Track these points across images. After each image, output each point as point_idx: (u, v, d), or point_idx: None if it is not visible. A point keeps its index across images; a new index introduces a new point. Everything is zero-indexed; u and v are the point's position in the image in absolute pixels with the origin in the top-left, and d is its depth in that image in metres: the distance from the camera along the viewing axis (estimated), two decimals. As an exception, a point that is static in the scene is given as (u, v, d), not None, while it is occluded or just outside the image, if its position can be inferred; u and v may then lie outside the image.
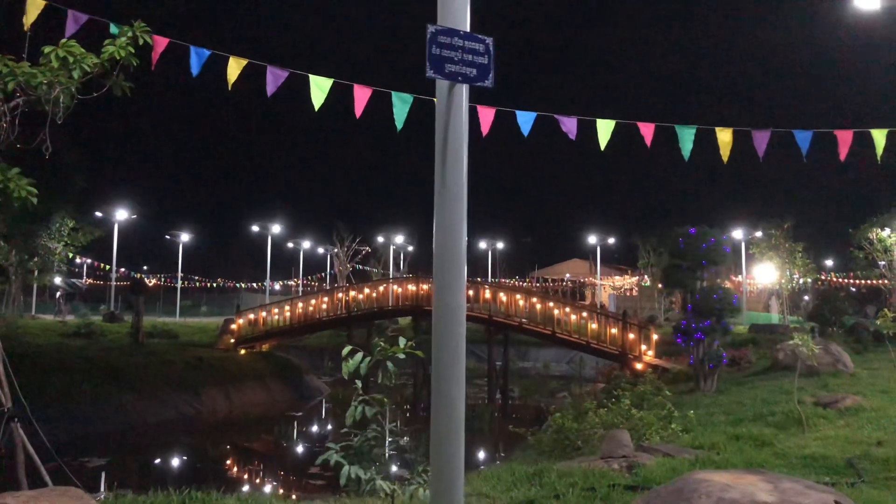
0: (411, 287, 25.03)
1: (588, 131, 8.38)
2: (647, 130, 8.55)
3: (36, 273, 39.53)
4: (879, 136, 8.98)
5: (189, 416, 20.98)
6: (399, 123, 7.85)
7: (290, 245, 58.52)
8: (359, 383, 3.59)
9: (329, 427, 22.28)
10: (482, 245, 61.39)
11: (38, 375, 17.13)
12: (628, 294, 62.90)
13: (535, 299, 23.15)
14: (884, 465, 7.25)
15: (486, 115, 8.32)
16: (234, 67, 7.66)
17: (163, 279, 58.95)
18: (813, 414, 10.67)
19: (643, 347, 20.59)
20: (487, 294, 23.68)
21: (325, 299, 26.79)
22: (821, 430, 9.70)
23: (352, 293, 26.39)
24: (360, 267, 54.09)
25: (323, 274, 58.54)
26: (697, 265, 15.87)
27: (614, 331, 21.07)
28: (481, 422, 18.86)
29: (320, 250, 60.91)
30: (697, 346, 15.84)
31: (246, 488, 12.57)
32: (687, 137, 8.39)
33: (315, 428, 22.48)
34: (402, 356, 4.35)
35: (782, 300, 41.48)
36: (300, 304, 26.93)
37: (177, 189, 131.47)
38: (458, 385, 3.23)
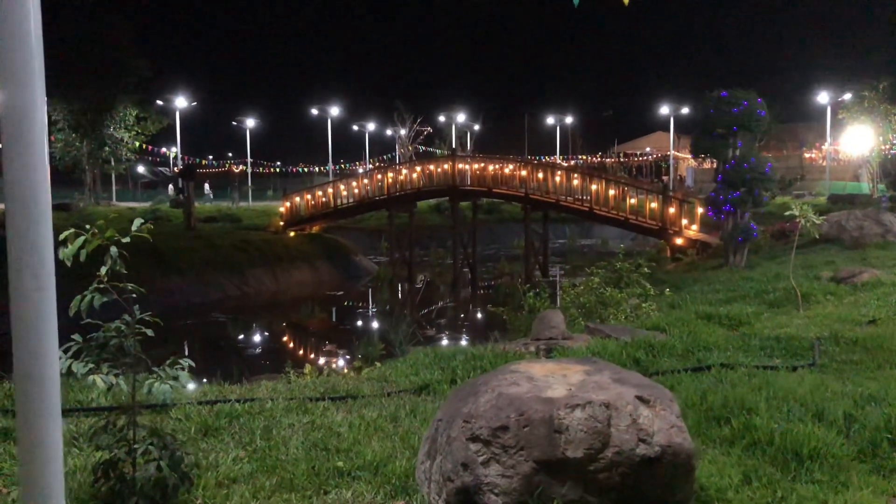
0: (446, 167, 24.42)
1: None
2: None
3: (112, 162, 40.97)
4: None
5: (235, 296, 21.69)
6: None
7: (356, 128, 58.24)
8: (103, 270, 3.21)
9: (360, 304, 22.69)
10: (550, 121, 59.12)
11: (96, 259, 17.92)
12: (711, 167, 59.95)
13: (575, 175, 22.15)
14: (850, 347, 6.50)
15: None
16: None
17: (226, 165, 60.34)
18: (821, 290, 9.83)
19: (685, 222, 19.50)
20: (524, 172, 22.79)
21: (365, 181, 26.58)
22: (818, 307, 8.89)
23: (390, 174, 26.02)
24: (424, 148, 53.48)
25: (387, 156, 58.28)
26: (729, 131, 14.52)
27: (654, 205, 20.00)
28: (497, 296, 18.66)
29: (388, 132, 60.42)
30: (727, 218, 14.79)
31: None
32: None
33: (348, 305, 22.92)
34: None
35: (872, 169, 38.41)
36: (342, 187, 26.86)
37: (240, 76, 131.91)
38: (46, 320, 1.92)
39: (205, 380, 9.08)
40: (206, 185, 50.83)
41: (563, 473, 3.10)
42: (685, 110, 51.67)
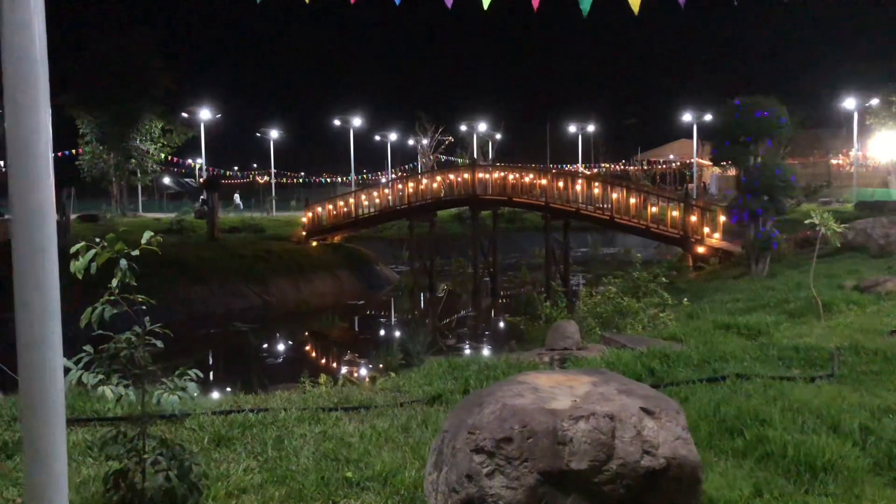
0: (466, 176, 24.46)
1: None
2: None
3: (139, 174, 41.52)
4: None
5: (257, 305, 21.88)
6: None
7: (378, 138, 58.55)
8: (114, 282, 3.26)
9: (381, 313, 22.76)
10: (572, 129, 58.93)
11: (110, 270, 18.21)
12: (735, 174, 59.28)
13: (595, 183, 22.07)
14: (870, 357, 6.39)
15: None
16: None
17: (251, 176, 60.94)
18: (843, 299, 9.67)
19: (706, 230, 19.32)
20: (543, 181, 22.76)
21: (386, 191, 26.71)
22: (840, 317, 8.76)
23: (410, 184, 26.13)
24: (446, 157, 53.58)
25: (409, 166, 58.50)
26: (751, 139, 14.39)
27: (675, 213, 19.84)
28: (517, 306, 18.64)
29: (410, 142, 60.64)
30: (749, 227, 14.64)
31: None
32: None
33: (369, 314, 22.98)
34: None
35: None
36: (363, 197, 27.02)
37: (263, 88, 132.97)
38: (51, 328, 2.17)
39: (228, 389, 9.19)
40: (237, 196, 51.40)
41: (567, 485, 3.09)
42: (708, 117, 51.14)
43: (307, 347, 18.38)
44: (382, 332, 19.36)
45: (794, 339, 7.50)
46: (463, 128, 53.79)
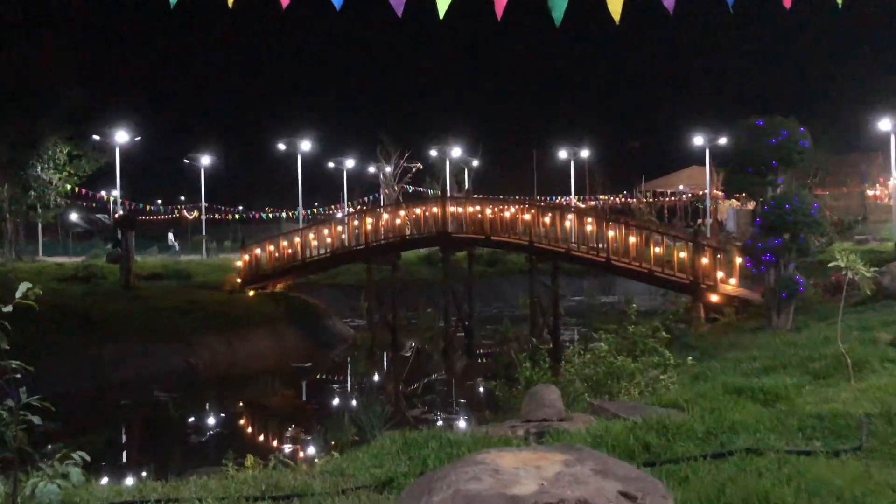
0: (435, 210, 24.64)
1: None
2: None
3: (39, 209, 41.07)
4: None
5: (180, 370, 21.61)
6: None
7: (332, 165, 58.87)
8: None
9: (334, 378, 22.63)
10: (563, 155, 59.72)
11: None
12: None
13: (588, 219, 22.36)
14: (905, 425, 6.48)
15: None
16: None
17: (177, 211, 60.77)
18: (877, 357, 9.83)
19: (721, 275, 19.58)
20: (527, 216, 23.02)
21: (340, 229, 26.79)
22: (873, 378, 8.88)
23: (369, 220, 26.24)
24: (413, 188, 54.00)
25: (369, 198, 58.82)
26: (767, 166, 14.73)
27: (683, 254, 20.11)
28: (497, 367, 18.69)
29: (371, 170, 60.98)
30: (768, 270, 14.89)
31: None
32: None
33: (318, 379, 22.81)
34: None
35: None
36: (312, 236, 27.06)
37: (193, 106, 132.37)
38: None
39: (141, 473, 9.02)
40: (171, 235, 51.12)
41: (531, 589, 3.08)
42: (723, 140, 52.15)
43: (241, 421, 18.16)
44: (334, 402, 19.22)
45: (818, 404, 7.59)
46: (433, 153, 54.34)
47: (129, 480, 9.59)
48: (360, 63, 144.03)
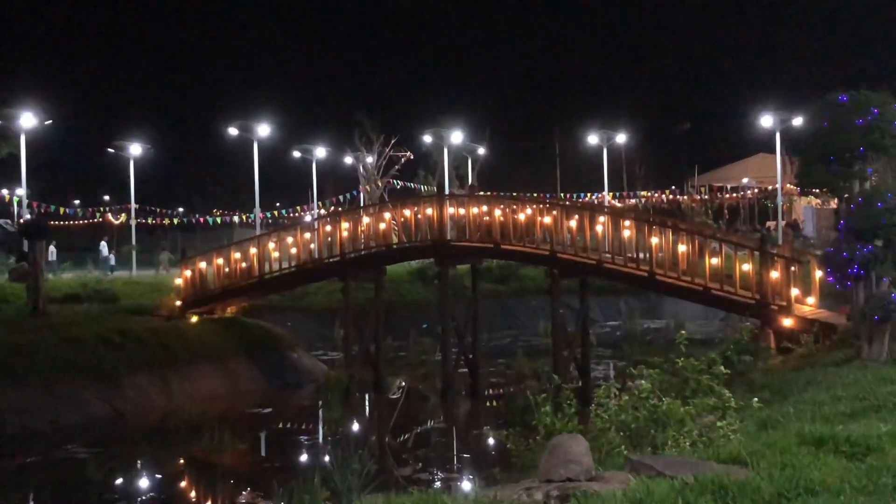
0: (430, 212, 24.66)
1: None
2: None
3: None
4: None
5: (104, 417, 21.70)
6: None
7: (298, 155, 58.97)
8: None
9: (300, 427, 22.64)
10: (594, 140, 59.72)
11: None
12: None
13: (626, 223, 22.38)
14: None
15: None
16: None
17: (99, 214, 60.92)
18: None
19: (795, 293, 19.60)
20: (547, 219, 23.03)
21: (308, 236, 26.80)
22: None
23: (346, 224, 26.24)
24: (402, 184, 54.14)
25: (346, 197, 58.93)
26: (853, 154, 14.79)
27: (748, 267, 20.13)
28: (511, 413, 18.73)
29: (348, 160, 61.07)
30: (856, 287, 14.92)
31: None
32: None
33: (281, 428, 22.82)
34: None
35: None
36: (272, 245, 27.06)
37: (121, 82, 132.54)
38: None
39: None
40: (104, 245, 51.03)
41: None
42: (798, 121, 51.92)
43: (181, 483, 18.16)
44: (302, 457, 19.24)
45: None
46: (427, 139, 54.35)
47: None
48: (333, 25, 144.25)
